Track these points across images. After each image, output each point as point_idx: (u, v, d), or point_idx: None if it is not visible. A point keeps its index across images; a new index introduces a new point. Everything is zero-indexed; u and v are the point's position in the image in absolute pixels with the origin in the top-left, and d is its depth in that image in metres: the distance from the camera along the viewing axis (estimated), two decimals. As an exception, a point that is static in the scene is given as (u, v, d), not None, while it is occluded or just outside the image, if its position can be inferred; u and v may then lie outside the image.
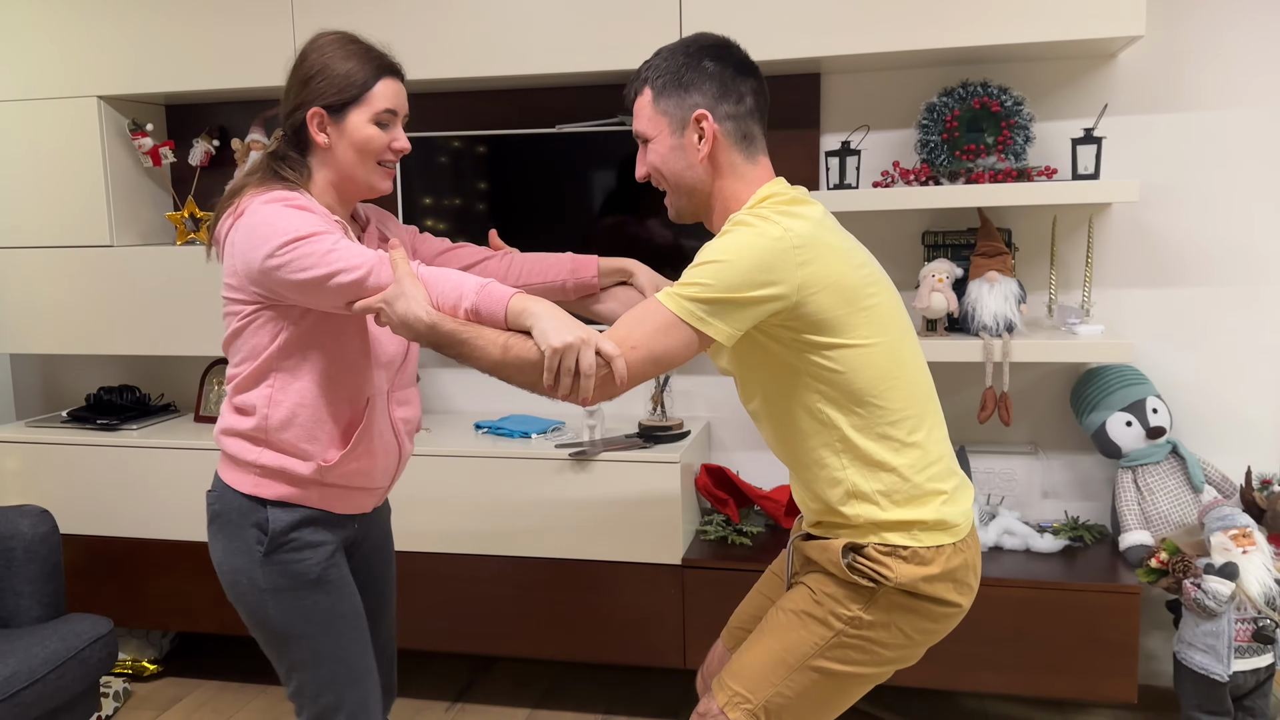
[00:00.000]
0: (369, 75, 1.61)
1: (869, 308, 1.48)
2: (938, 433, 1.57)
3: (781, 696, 1.53)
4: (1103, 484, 2.71)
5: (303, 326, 1.60)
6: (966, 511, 1.58)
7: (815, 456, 1.54)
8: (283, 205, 1.55)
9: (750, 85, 1.57)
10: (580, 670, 3.04)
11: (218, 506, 1.67)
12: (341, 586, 1.68)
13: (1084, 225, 2.63)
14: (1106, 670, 2.35)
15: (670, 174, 1.58)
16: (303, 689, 1.68)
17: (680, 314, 1.43)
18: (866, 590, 1.51)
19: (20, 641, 2.22)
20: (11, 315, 3.00)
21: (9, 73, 2.91)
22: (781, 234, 1.43)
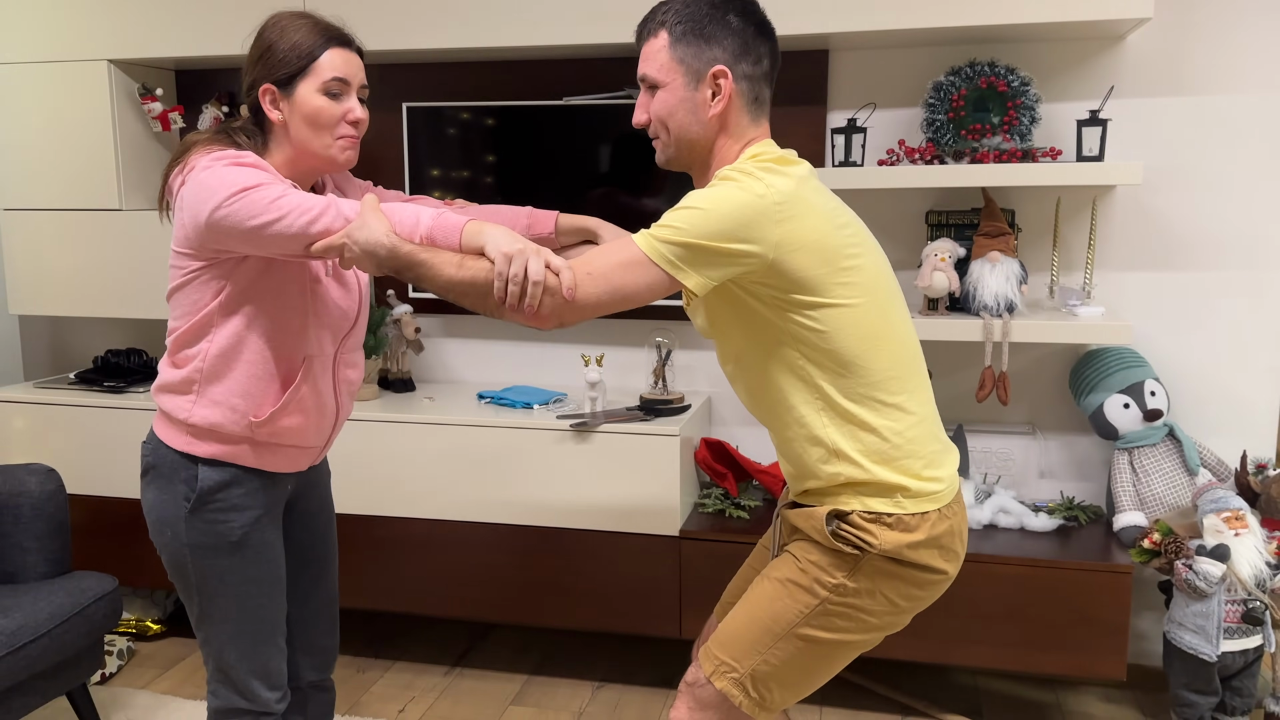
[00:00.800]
0: (316, 44, 1.61)
1: (851, 268, 1.47)
2: (921, 395, 1.56)
3: (767, 664, 1.54)
4: (1099, 465, 2.73)
5: (243, 283, 1.62)
6: (951, 476, 1.57)
7: (796, 415, 1.53)
8: (230, 162, 1.56)
9: (768, 47, 1.55)
10: (577, 638, 3.08)
11: (152, 459, 1.71)
12: (261, 550, 1.72)
13: (1087, 207, 2.63)
14: (1097, 648, 2.37)
15: (675, 125, 1.55)
16: (209, 640, 1.75)
17: (650, 254, 1.42)
18: (851, 557, 1.51)
19: (27, 596, 2.26)
20: (20, 277, 3.03)
21: (20, 35, 2.92)
22: (764, 190, 1.43)
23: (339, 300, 1.73)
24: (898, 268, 2.75)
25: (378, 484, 2.71)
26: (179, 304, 1.66)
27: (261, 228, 1.50)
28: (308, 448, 1.77)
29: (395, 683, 2.83)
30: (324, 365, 1.74)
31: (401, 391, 2.98)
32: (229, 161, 1.55)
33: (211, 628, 1.73)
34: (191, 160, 1.60)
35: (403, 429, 2.68)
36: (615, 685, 2.81)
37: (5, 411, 2.93)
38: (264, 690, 1.77)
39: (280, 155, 1.66)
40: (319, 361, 1.72)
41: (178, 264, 1.64)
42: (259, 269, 1.63)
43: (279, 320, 1.66)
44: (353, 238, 1.48)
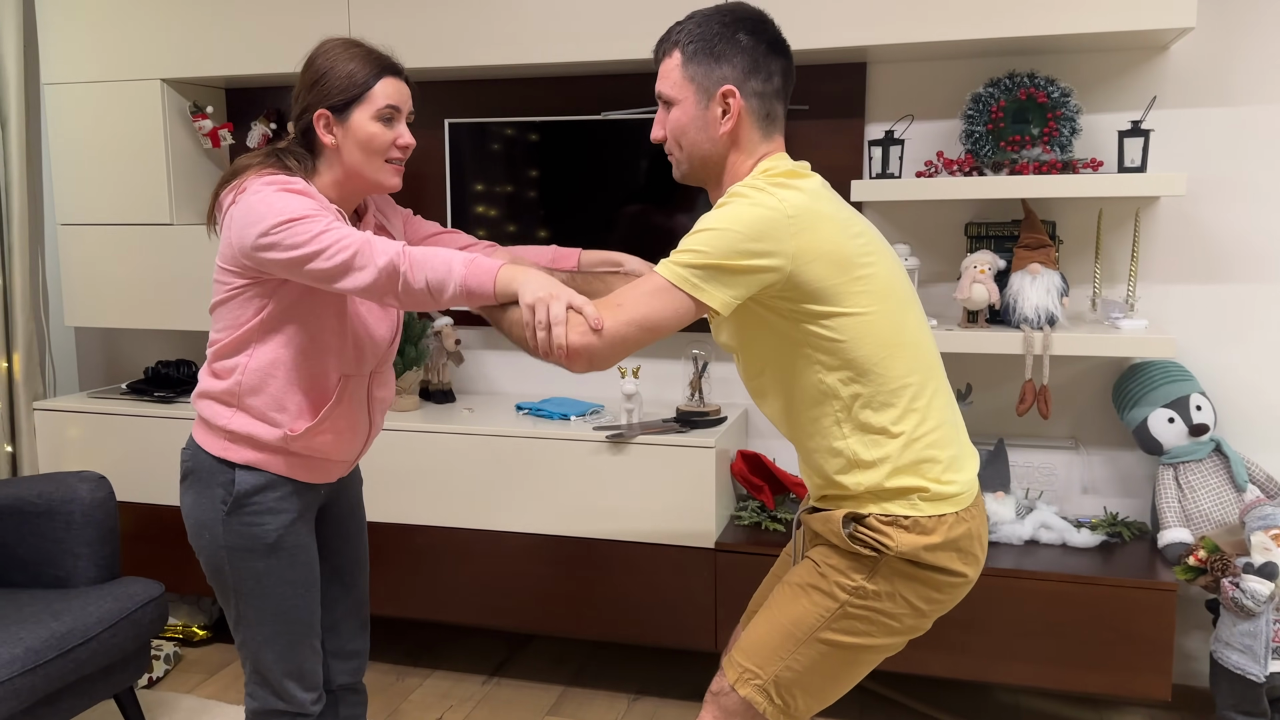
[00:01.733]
0: (370, 75, 1.68)
1: (864, 276, 1.48)
2: (940, 400, 1.56)
3: (790, 670, 1.54)
4: (1143, 480, 2.68)
5: (285, 304, 1.69)
6: (970, 480, 1.57)
7: (817, 427, 1.54)
8: (281, 188, 1.62)
9: (780, 65, 1.57)
10: (613, 650, 3.09)
11: (190, 464, 1.77)
12: (296, 553, 1.77)
13: (1130, 219, 2.60)
14: (1141, 668, 2.33)
15: (688, 142, 1.58)
16: (246, 643, 1.80)
17: (673, 279, 1.45)
18: (869, 560, 1.51)
19: (77, 601, 2.31)
20: (76, 290, 3.12)
21: (76, 56, 3.01)
22: (776, 204, 1.44)
23: (377, 324, 1.80)
24: (936, 280, 2.74)
25: (418, 494, 2.75)
26: (221, 318, 1.72)
27: (300, 260, 1.56)
28: (339, 461, 1.82)
29: (433, 691, 2.86)
30: (359, 384, 1.79)
31: (442, 402, 3.02)
32: (279, 187, 1.61)
33: (249, 630, 1.78)
34: (245, 182, 1.65)
35: (443, 439, 2.71)
36: (651, 698, 2.81)
37: (60, 420, 3.01)
38: (300, 691, 1.81)
39: (329, 177, 1.72)
40: (355, 380, 1.78)
41: (222, 279, 1.70)
42: (300, 291, 1.68)
43: (318, 340, 1.72)
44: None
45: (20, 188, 3.12)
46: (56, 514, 2.44)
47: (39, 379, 3.23)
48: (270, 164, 1.69)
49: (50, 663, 2.14)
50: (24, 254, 3.15)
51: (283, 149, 1.73)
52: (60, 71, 3.03)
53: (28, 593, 2.40)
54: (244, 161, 1.71)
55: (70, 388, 3.51)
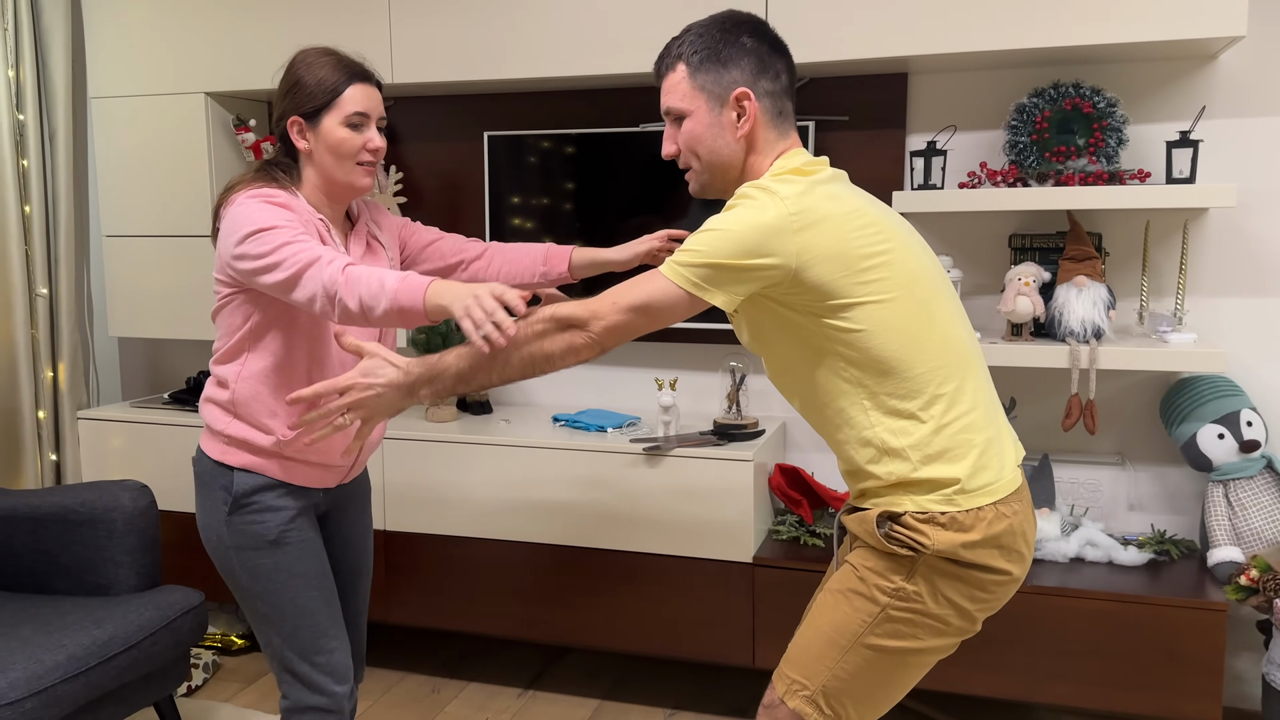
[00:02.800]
0: (339, 81, 1.75)
1: (875, 266, 1.46)
2: (971, 385, 1.52)
3: (838, 679, 1.51)
4: (1192, 497, 2.62)
5: (270, 313, 1.75)
6: (1009, 467, 1.53)
7: (844, 417, 1.52)
8: (262, 200, 1.69)
9: (784, 63, 1.59)
10: (649, 664, 3.06)
11: (197, 468, 1.84)
12: (301, 546, 1.81)
13: (1178, 230, 2.55)
14: (1189, 689, 2.27)
15: (705, 151, 1.58)
16: (270, 641, 1.83)
17: (675, 279, 1.46)
18: (906, 560, 1.48)
19: (118, 608, 2.33)
20: (120, 301, 3.16)
21: (123, 71, 3.06)
22: (778, 203, 1.44)
23: (360, 337, 1.83)
24: (980, 292, 2.70)
25: (454, 505, 2.75)
26: (219, 325, 1.81)
27: (260, 270, 1.63)
28: (334, 467, 1.87)
29: (469, 703, 2.85)
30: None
31: (479, 414, 3.02)
32: (261, 199, 1.69)
33: (268, 627, 1.81)
34: (235, 194, 1.73)
35: (480, 450, 2.71)
36: (688, 713, 2.78)
37: (104, 430, 3.05)
38: (331, 684, 1.83)
39: (310, 182, 1.79)
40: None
41: (217, 288, 1.78)
42: (283, 302, 1.73)
43: (305, 348, 1.78)
44: (374, 414, 1.56)
45: (67, 200, 3.17)
46: (99, 522, 2.46)
47: (83, 389, 3.28)
48: (260, 177, 1.77)
49: (92, 670, 2.15)
50: (69, 265, 3.20)
51: (272, 161, 1.81)
52: (107, 85, 3.08)
53: (70, 600, 2.42)
54: (236, 178, 1.79)
55: (113, 397, 3.55)
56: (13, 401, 3.12)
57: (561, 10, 2.65)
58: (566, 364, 1.50)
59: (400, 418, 2.99)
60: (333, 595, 1.85)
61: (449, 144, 3.10)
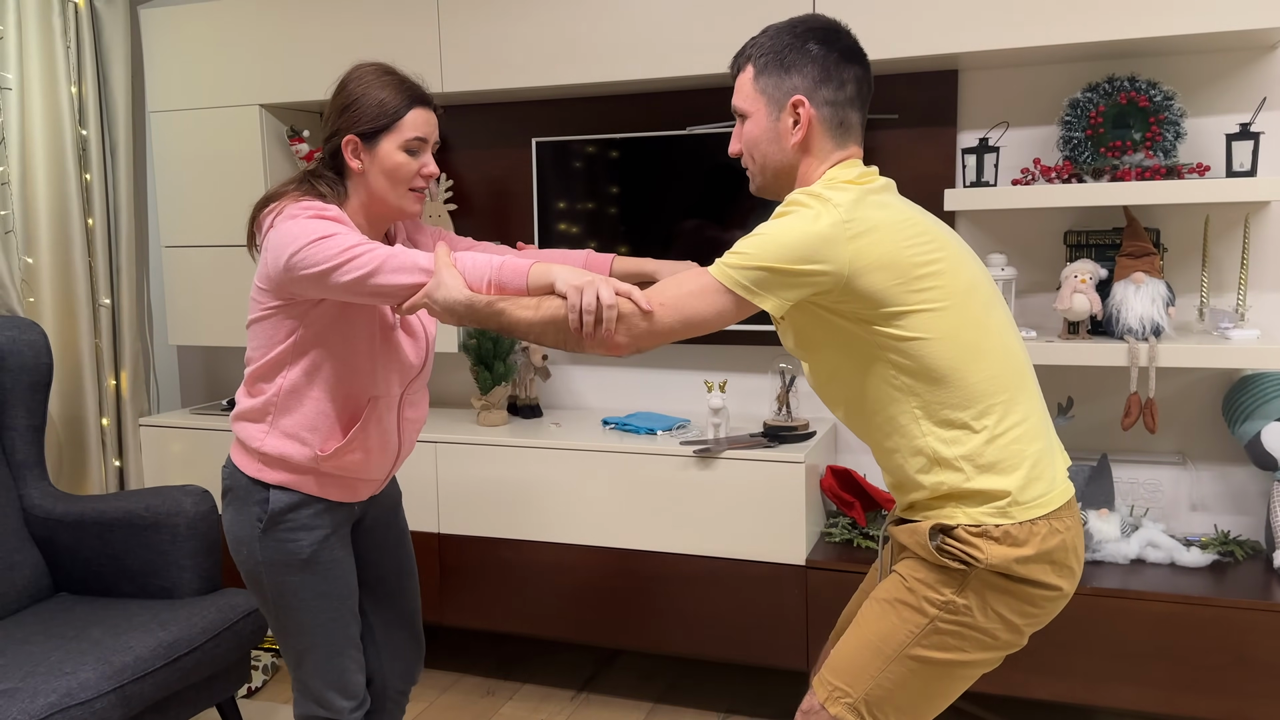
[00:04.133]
0: (401, 105, 1.72)
1: (928, 274, 1.45)
2: (1024, 397, 1.51)
3: (881, 688, 1.50)
4: (1257, 497, 2.57)
5: (316, 328, 1.74)
6: (1060, 479, 1.51)
7: (895, 425, 1.51)
8: (314, 214, 1.67)
9: (854, 73, 1.57)
10: (702, 667, 3.06)
11: (229, 483, 1.83)
12: (331, 567, 1.82)
13: (1239, 225, 2.50)
14: (1257, 693, 2.22)
15: (760, 154, 1.59)
16: (288, 652, 1.85)
17: (724, 280, 1.46)
18: (958, 573, 1.47)
19: (182, 611, 2.38)
20: (179, 310, 3.23)
21: (180, 85, 3.13)
22: (831, 210, 1.44)
23: (408, 349, 1.85)
24: (1035, 290, 2.67)
25: (506, 508, 2.77)
26: (256, 336, 1.78)
27: (327, 273, 1.61)
28: (370, 480, 1.87)
29: (523, 705, 2.87)
30: (389, 405, 1.84)
31: (529, 417, 3.04)
32: (313, 213, 1.67)
33: (289, 641, 1.84)
34: (283, 205, 1.71)
35: (531, 454, 2.73)
36: (741, 716, 2.78)
37: (164, 436, 3.12)
38: (339, 699, 1.86)
39: (356, 201, 1.77)
40: (384, 402, 1.83)
41: (258, 298, 1.76)
42: (332, 315, 1.73)
43: (349, 363, 1.77)
44: (431, 297, 1.59)
45: (128, 212, 3.25)
46: (163, 527, 2.52)
47: (144, 396, 3.35)
48: (304, 189, 1.75)
49: (158, 671, 2.20)
50: (131, 276, 3.27)
51: (314, 173, 1.78)
52: (165, 100, 3.15)
53: (136, 603, 2.47)
54: (280, 188, 1.77)
55: (173, 404, 3.63)
56: (78, 409, 3.20)
57: (607, 15, 2.66)
58: (595, 353, 1.52)
59: (451, 421, 3.02)
60: (354, 615, 1.87)
61: (498, 151, 3.12)
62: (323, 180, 1.76)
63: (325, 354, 1.75)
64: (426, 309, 1.61)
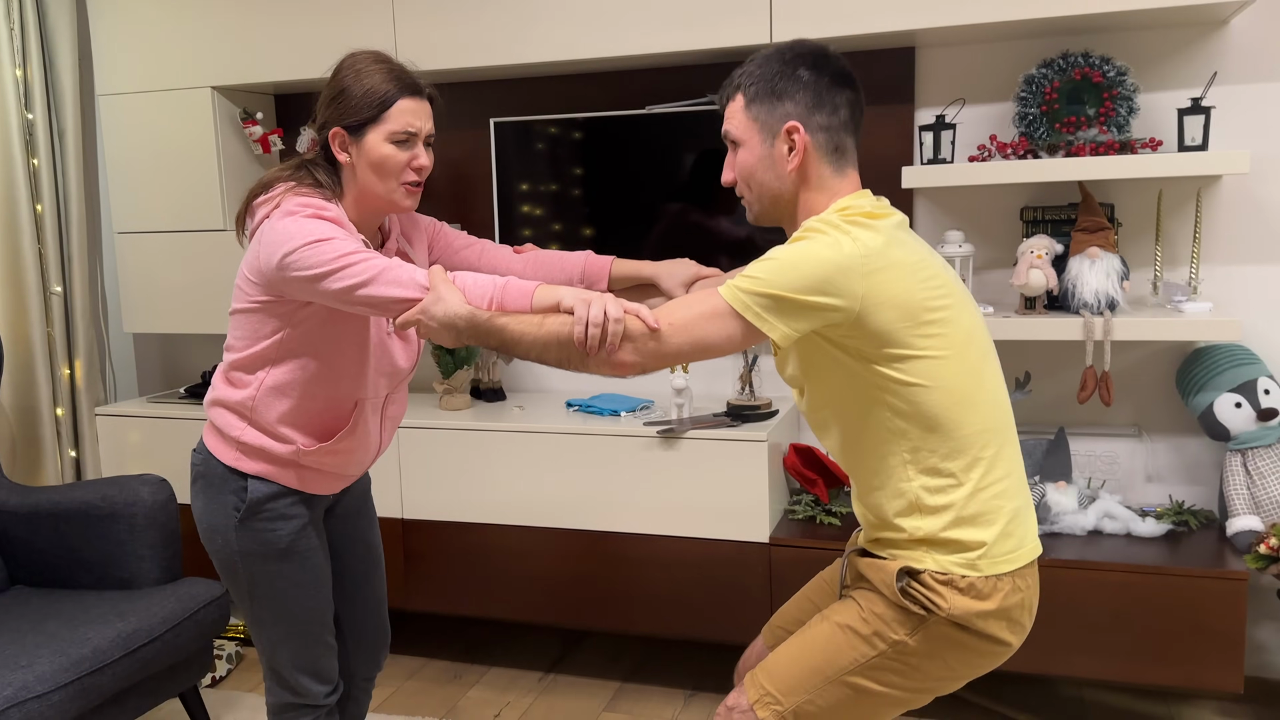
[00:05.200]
0: (388, 95, 1.64)
1: (936, 320, 1.44)
2: (1009, 449, 1.52)
3: (814, 705, 1.51)
4: (1210, 468, 2.61)
5: (302, 330, 1.68)
6: (1031, 537, 1.53)
7: (883, 465, 1.51)
8: (313, 213, 1.61)
9: (846, 96, 1.54)
10: (669, 647, 3.08)
11: (202, 468, 1.78)
12: (308, 556, 1.80)
13: (1191, 199, 2.53)
14: (1211, 659, 2.27)
15: (756, 184, 1.56)
16: (262, 641, 1.83)
17: (734, 304, 1.43)
18: (917, 617, 1.48)
19: (141, 601, 2.35)
20: (133, 297, 3.17)
21: (129, 67, 3.07)
22: (850, 243, 1.41)
23: (399, 354, 1.81)
24: (992, 266, 2.69)
25: (470, 491, 2.76)
26: (239, 325, 1.72)
27: (319, 278, 1.56)
28: (347, 475, 1.85)
29: (490, 688, 2.87)
30: (375, 406, 1.82)
31: (492, 400, 3.03)
32: (312, 212, 1.61)
33: (264, 630, 1.81)
34: (280, 197, 1.65)
35: (494, 437, 2.72)
36: (707, 694, 2.79)
37: (121, 425, 3.07)
38: (314, 685, 1.85)
39: (350, 195, 1.71)
40: (371, 403, 1.80)
41: (244, 288, 1.69)
42: (321, 319, 1.68)
43: (337, 367, 1.72)
44: (429, 313, 1.53)
45: (78, 198, 3.19)
46: (120, 517, 2.48)
47: (100, 385, 3.30)
48: (301, 177, 1.69)
49: (117, 662, 2.17)
50: (83, 263, 3.21)
51: (311, 161, 1.71)
52: (114, 82, 3.09)
53: (94, 594, 2.44)
54: (274, 175, 1.71)
55: (130, 393, 3.57)
56: (31, 400, 3.15)
57: (565, -6, 2.64)
58: (600, 374, 1.48)
59: (414, 406, 3.00)
60: (329, 603, 1.85)
61: (455, 132, 3.10)
62: (319, 170, 1.70)
63: (312, 357, 1.70)
64: (420, 326, 1.55)
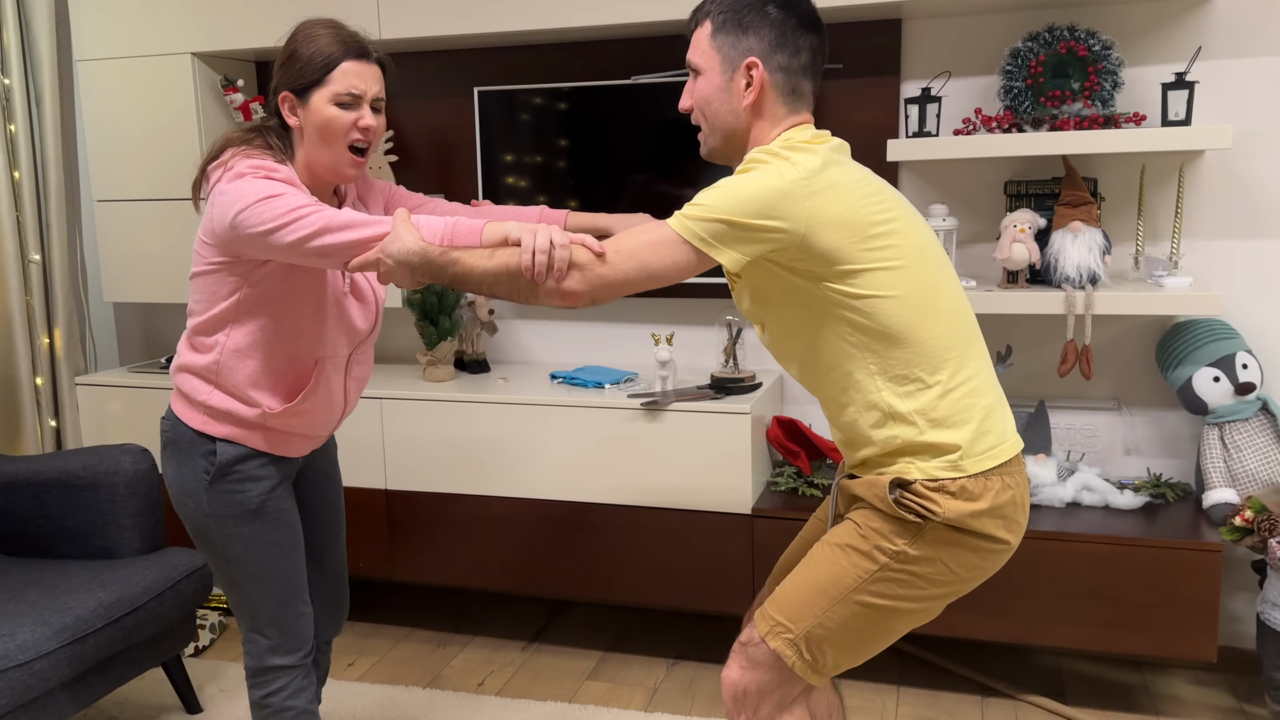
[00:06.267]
0: (332, 57, 1.67)
1: (882, 234, 1.47)
2: (975, 350, 1.55)
3: (822, 627, 1.54)
4: (1188, 441, 2.64)
5: (261, 288, 1.70)
6: (1009, 431, 1.56)
7: (850, 381, 1.53)
8: (264, 174, 1.63)
9: (810, 41, 1.56)
10: (652, 616, 3.10)
11: (171, 434, 1.80)
12: (279, 516, 1.82)
13: (1174, 174, 2.54)
14: (1186, 629, 2.30)
15: (711, 113, 1.59)
16: (240, 604, 1.85)
17: (682, 232, 1.46)
18: (913, 525, 1.51)
19: (123, 571, 2.35)
20: (113, 266, 3.14)
21: (108, 32, 3.02)
22: (790, 169, 1.45)
23: (356, 314, 1.83)
24: (976, 240, 2.69)
25: (454, 463, 2.76)
26: (199, 289, 1.75)
27: (270, 232, 1.58)
28: (314, 437, 1.87)
29: (474, 657, 2.89)
30: (336, 366, 1.83)
31: (476, 372, 3.03)
32: (263, 174, 1.63)
33: (241, 592, 1.83)
34: (232, 160, 1.67)
35: (478, 409, 2.72)
36: (690, 663, 2.82)
37: (102, 395, 3.05)
38: (295, 644, 1.87)
39: (300, 159, 1.74)
40: (332, 362, 1.82)
41: (202, 252, 1.72)
42: (278, 276, 1.70)
43: (295, 324, 1.74)
44: (386, 251, 1.55)
45: (56, 166, 3.15)
46: (101, 486, 2.47)
47: (80, 354, 3.27)
48: (254, 140, 1.71)
49: (98, 631, 2.17)
50: (61, 231, 3.18)
51: (267, 126, 1.74)
52: (92, 48, 3.05)
53: (75, 564, 2.44)
54: (228, 137, 1.73)
55: (111, 362, 3.55)
56: (10, 369, 3.12)
57: (550, -39, 2.61)
58: (551, 304, 1.50)
59: (397, 377, 2.99)
60: (303, 562, 1.88)
61: (439, 100, 3.07)
62: (272, 133, 1.72)
63: (270, 315, 1.72)
64: (377, 266, 1.56)
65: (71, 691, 2.17)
